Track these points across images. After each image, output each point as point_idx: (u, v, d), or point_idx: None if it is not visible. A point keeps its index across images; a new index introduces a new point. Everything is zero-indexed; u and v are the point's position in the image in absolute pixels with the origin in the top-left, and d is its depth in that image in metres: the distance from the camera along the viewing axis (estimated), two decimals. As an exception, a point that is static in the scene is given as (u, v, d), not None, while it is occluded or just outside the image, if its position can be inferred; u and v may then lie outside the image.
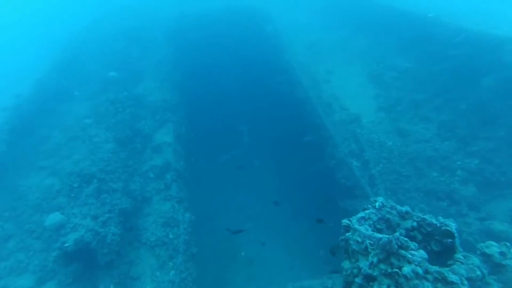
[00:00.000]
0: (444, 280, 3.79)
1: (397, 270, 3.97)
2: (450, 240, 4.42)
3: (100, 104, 12.02)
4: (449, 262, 4.39)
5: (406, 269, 3.92)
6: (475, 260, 4.08)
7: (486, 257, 4.63)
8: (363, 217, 5.02)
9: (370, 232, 4.48)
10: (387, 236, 4.27)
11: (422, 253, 4.14)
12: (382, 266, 4.15)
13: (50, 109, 13.05)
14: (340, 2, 17.94)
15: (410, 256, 4.08)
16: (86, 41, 18.43)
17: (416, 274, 3.87)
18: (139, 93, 13.01)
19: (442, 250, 4.84)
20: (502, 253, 4.61)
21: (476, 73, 10.30)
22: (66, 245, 6.91)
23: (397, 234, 4.28)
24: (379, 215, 5.18)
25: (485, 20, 12.41)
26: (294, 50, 13.91)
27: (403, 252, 4.12)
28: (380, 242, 4.25)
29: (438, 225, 4.97)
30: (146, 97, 12.64)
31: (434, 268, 3.96)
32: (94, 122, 11.14)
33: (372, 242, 4.34)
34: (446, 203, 8.58)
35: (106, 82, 13.71)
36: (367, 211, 5.24)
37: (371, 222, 5.04)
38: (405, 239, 4.24)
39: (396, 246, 4.17)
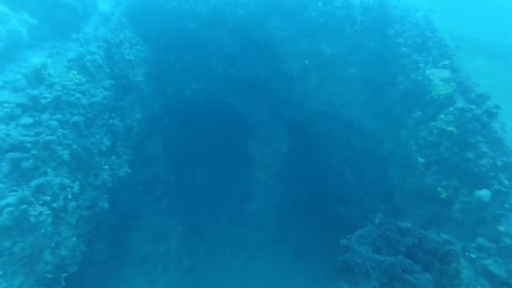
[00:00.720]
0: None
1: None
2: (453, 262, 4.17)
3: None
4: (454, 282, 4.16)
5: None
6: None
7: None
8: (362, 236, 4.77)
9: (371, 254, 4.22)
10: (390, 259, 4.01)
11: (427, 276, 3.89)
12: (385, 291, 3.88)
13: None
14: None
15: (414, 280, 3.83)
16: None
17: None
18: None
19: (445, 268, 4.63)
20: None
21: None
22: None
23: (400, 256, 4.02)
24: (379, 233, 4.94)
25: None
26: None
27: (407, 276, 3.86)
28: (383, 265, 3.99)
29: (441, 242, 4.76)
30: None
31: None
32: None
33: (374, 265, 4.08)
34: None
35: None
36: (366, 228, 4.99)
37: (370, 240, 4.80)
38: (409, 261, 3.99)
39: (399, 270, 3.92)
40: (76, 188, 5.18)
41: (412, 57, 7.94)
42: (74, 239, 5.77)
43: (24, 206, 3.82)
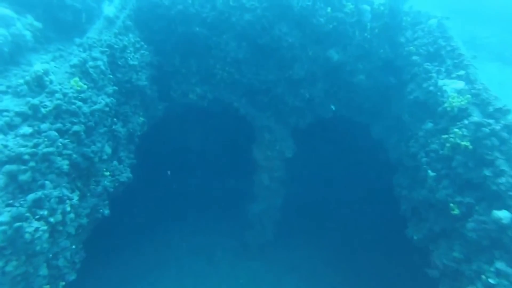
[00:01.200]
0: None
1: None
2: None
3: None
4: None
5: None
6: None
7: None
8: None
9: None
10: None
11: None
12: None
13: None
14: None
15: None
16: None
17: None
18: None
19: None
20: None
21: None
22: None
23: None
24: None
25: None
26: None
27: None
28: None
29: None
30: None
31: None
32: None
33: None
34: None
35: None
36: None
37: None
38: None
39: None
40: (75, 199, 5.08)
41: (423, 66, 7.69)
42: (73, 246, 5.73)
43: (19, 224, 3.73)
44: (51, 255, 4.88)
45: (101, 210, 6.39)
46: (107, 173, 6.59)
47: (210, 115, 10.23)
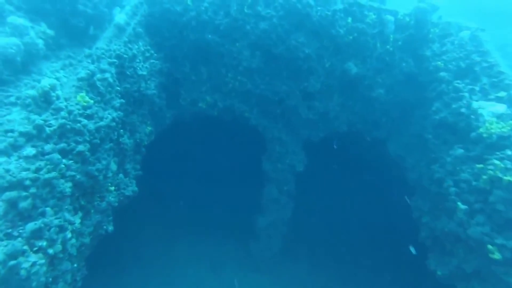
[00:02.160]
0: None
1: None
2: None
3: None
4: None
5: None
6: None
7: None
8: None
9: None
10: None
11: None
12: None
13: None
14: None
15: None
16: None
17: None
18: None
19: None
20: None
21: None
22: None
23: None
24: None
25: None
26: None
27: None
28: None
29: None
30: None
31: None
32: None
33: None
34: None
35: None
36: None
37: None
38: None
39: None
40: (77, 222, 4.90)
41: (453, 84, 7.12)
42: (75, 265, 5.58)
43: (14, 262, 3.54)
44: (51, 279, 4.73)
45: (105, 227, 6.22)
46: (112, 188, 6.40)
47: (220, 125, 9.92)
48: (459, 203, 6.02)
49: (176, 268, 10.30)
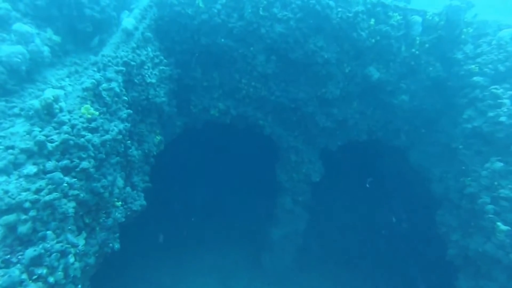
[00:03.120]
0: None
1: None
2: None
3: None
4: None
5: None
6: None
7: None
8: None
9: None
10: None
11: None
12: None
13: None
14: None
15: None
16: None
17: None
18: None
19: None
20: None
21: None
22: None
23: None
24: None
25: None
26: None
27: None
28: None
29: None
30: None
31: None
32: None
33: None
34: None
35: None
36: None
37: None
38: None
39: None
40: (81, 244, 4.56)
41: (490, 89, 6.47)
42: (79, 286, 5.25)
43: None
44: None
45: (111, 244, 5.87)
46: (119, 203, 6.05)
47: (233, 133, 9.50)
48: (499, 224, 5.44)
49: (185, 279, 9.97)
